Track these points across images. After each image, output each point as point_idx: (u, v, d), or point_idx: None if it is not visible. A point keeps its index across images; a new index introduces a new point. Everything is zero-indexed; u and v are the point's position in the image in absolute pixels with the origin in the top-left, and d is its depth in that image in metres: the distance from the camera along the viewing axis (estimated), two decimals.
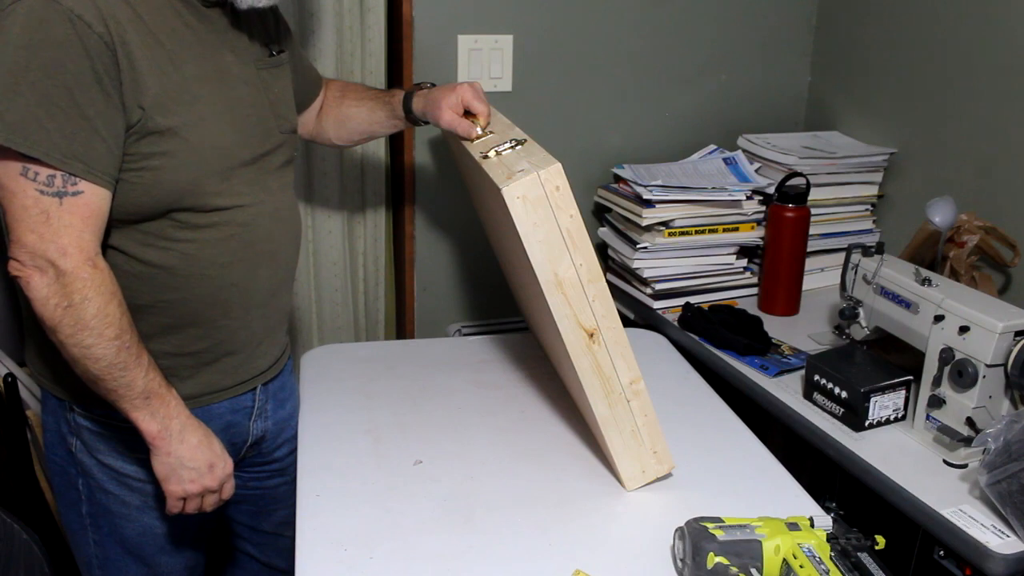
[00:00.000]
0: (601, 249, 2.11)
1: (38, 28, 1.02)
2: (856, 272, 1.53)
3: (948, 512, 1.20)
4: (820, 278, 1.95)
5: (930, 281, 1.39)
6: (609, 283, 2.03)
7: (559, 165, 1.10)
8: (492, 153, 1.21)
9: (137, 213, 1.14)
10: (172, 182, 1.14)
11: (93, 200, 1.07)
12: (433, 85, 1.48)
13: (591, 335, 1.16)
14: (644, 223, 1.83)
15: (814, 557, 1.02)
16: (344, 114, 1.55)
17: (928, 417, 1.36)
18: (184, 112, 1.13)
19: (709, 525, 1.05)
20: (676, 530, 1.10)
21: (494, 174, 1.14)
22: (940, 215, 1.57)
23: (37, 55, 1.02)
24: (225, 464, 1.21)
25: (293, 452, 1.46)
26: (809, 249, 1.83)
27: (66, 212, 1.05)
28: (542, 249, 1.11)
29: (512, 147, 1.21)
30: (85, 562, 1.33)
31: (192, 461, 1.17)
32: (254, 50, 1.26)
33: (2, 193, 1.05)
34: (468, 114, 1.38)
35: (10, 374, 1.74)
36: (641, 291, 1.90)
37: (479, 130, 1.34)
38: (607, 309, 1.16)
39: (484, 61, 1.91)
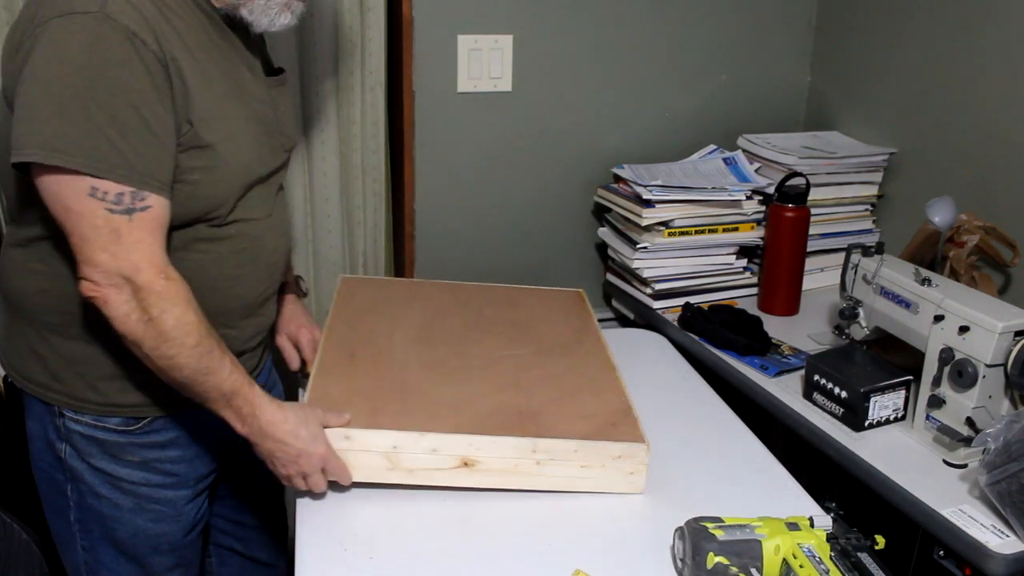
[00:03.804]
0: (601, 249, 2.12)
1: (97, 46, 1.01)
2: (856, 272, 1.53)
3: (948, 512, 1.20)
4: (820, 278, 1.95)
5: (930, 281, 1.39)
6: (609, 283, 2.04)
7: None
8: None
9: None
10: (206, 197, 1.15)
11: (160, 212, 1.07)
12: (304, 290, 1.59)
13: (465, 464, 1.21)
14: (644, 223, 1.83)
15: (814, 557, 1.02)
16: None
17: (928, 417, 1.36)
18: (220, 127, 1.14)
19: (709, 525, 1.05)
20: (676, 530, 1.10)
21: None
22: (940, 215, 1.57)
23: (103, 75, 1.01)
24: (312, 452, 1.19)
25: None
26: (809, 249, 1.83)
27: (136, 228, 1.05)
28: (365, 473, 1.20)
29: None
30: (74, 569, 1.32)
31: (280, 452, 1.18)
32: (261, 68, 1.27)
33: (68, 216, 1.04)
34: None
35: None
36: (641, 291, 1.90)
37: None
38: (449, 438, 1.20)
39: (484, 61, 1.91)
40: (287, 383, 1.57)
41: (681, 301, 1.85)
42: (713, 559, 1.02)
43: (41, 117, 1.01)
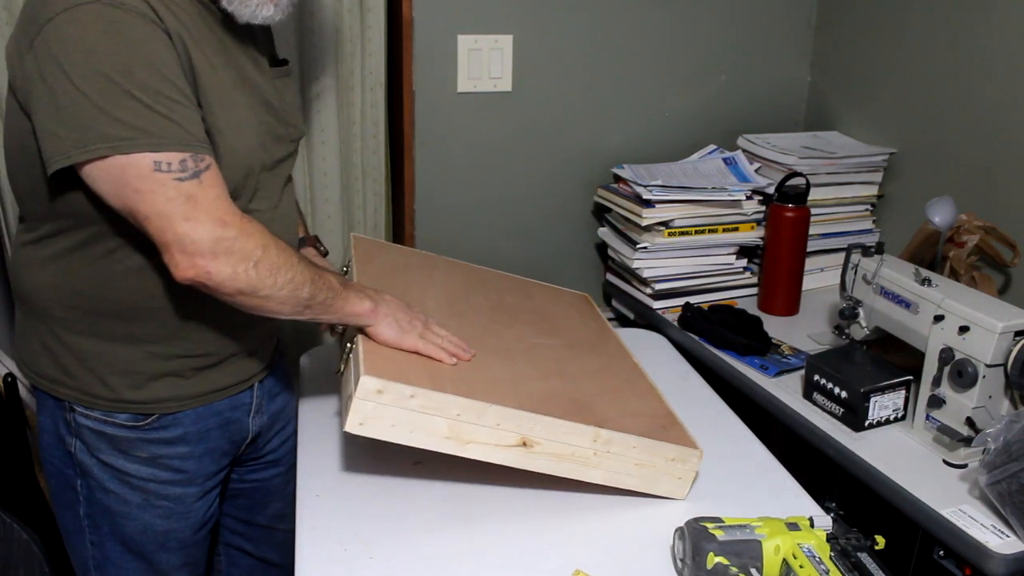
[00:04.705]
0: (601, 249, 2.12)
1: (115, 30, 1.02)
2: (856, 272, 1.53)
3: (948, 512, 1.21)
4: (820, 278, 1.95)
5: (930, 281, 1.39)
6: (609, 283, 2.04)
7: (366, 377, 1.09)
8: (341, 366, 1.23)
9: None
10: None
11: (217, 169, 1.09)
12: (324, 250, 1.54)
13: (524, 444, 1.16)
14: (644, 223, 1.83)
15: (814, 557, 1.02)
16: None
17: (928, 417, 1.36)
18: (225, 114, 1.15)
19: (709, 525, 1.05)
20: (676, 530, 1.10)
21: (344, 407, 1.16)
22: (940, 215, 1.57)
23: (132, 55, 1.02)
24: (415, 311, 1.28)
25: (286, 443, 1.46)
26: (809, 249, 1.83)
27: (208, 186, 1.06)
28: (419, 437, 1.13)
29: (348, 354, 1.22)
30: (82, 564, 1.33)
31: (400, 309, 1.25)
32: (264, 59, 1.27)
33: (141, 197, 1.03)
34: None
35: (10, 374, 1.74)
36: (641, 291, 1.90)
37: None
38: (515, 414, 1.15)
39: (484, 61, 1.91)
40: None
41: (681, 301, 1.85)
42: (713, 559, 1.02)
43: (89, 113, 1.01)
